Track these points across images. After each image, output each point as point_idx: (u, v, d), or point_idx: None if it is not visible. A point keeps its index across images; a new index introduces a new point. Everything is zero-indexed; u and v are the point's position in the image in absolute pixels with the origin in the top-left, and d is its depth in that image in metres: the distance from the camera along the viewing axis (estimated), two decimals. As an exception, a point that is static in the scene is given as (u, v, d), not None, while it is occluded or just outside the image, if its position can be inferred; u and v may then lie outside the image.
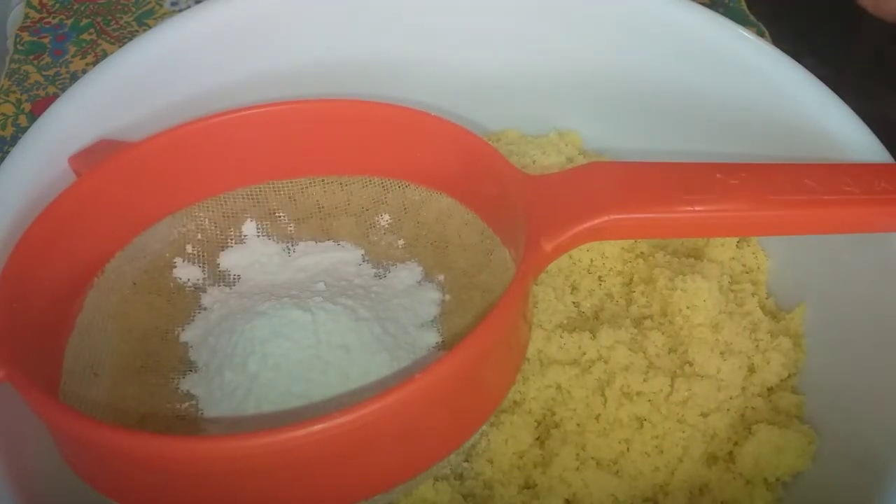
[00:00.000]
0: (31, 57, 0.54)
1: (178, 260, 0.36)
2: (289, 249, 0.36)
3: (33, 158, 0.35)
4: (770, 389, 0.37)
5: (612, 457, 0.35)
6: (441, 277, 0.35)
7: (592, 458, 0.35)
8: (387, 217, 0.37)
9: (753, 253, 0.40)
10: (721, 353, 0.36)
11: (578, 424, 0.35)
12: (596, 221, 0.30)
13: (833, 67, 0.33)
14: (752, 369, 0.37)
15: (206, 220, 0.36)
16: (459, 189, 0.35)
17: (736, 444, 0.35)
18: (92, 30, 0.56)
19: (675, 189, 0.31)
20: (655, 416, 0.35)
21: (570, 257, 0.40)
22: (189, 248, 0.36)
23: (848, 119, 0.37)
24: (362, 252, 0.36)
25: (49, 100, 0.52)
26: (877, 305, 0.34)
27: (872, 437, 0.33)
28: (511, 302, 0.28)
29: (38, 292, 0.31)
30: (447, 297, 0.35)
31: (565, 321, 0.38)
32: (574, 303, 0.39)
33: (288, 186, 0.37)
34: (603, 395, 0.35)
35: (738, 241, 0.40)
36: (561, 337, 0.37)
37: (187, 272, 0.36)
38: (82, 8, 0.57)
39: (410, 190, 0.37)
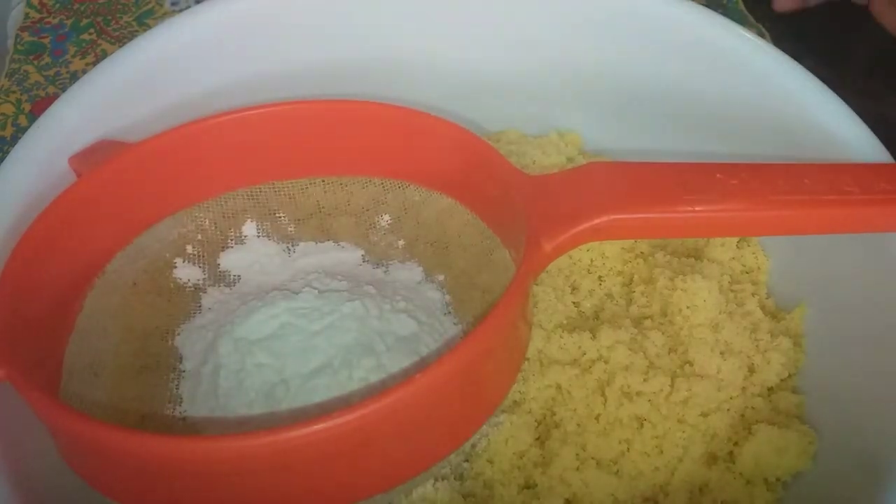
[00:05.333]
0: (31, 57, 0.54)
1: (179, 260, 0.36)
2: (289, 250, 0.36)
3: (33, 158, 0.35)
4: (770, 389, 0.37)
5: (612, 457, 0.35)
6: (441, 278, 0.35)
7: (592, 458, 0.35)
8: (387, 217, 0.37)
9: (753, 253, 0.40)
10: (721, 353, 0.36)
11: (578, 424, 0.35)
12: (596, 221, 0.30)
13: (833, 68, 0.32)
14: (752, 369, 0.37)
15: (206, 220, 0.36)
16: (459, 189, 0.35)
17: (736, 444, 0.35)
18: (92, 30, 0.56)
19: (675, 189, 0.31)
20: (655, 416, 0.35)
21: (570, 257, 0.40)
22: (189, 249, 0.36)
23: (848, 119, 0.37)
24: (362, 252, 0.36)
25: (49, 100, 0.52)
26: (877, 306, 0.34)
27: (872, 436, 0.33)
28: (511, 302, 0.28)
29: (38, 292, 0.31)
30: (447, 297, 0.35)
31: (565, 321, 0.38)
32: (574, 303, 0.39)
33: (288, 186, 0.37)
34: (603, 395, 0.35)
35: (738, 241, 0.40)
36: (561, 337, 0.37)
37: (187, 272, 0.36)
38: (82, 8, 0.57)
39: (410, 190, 0.37)
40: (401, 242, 0.37)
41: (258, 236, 0.37)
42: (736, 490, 0.35)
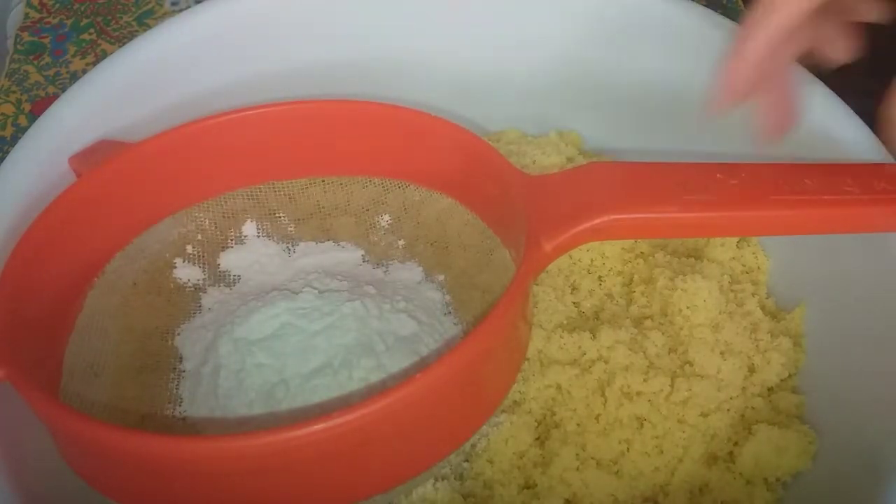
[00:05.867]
0: (31, 57, 0.54)
1: (179, 260, 0.36)
2: (289, 250, 0.36)
3: (33, 158, 0.35)
4: (770, 389, 0.37)
5: (612, 457, 0.35)
6: (441, 278, 0.35)
7: (592, 458, 0.35)
8: (387, 217, 0.37)
9: (753, 253, 0.40)
10: (721, 353, 0.36)
11: (578, 424, 0.35)
12: (595, 221, 0.30)
13: (833, 67, 0.32)
14: (752, 369, 0.37)
15: (206, 220, 0.36)
16: (459, 189, 0.35)
17: (736, 444, 0.35)
18: (92, 30, 0.56)
19: (674, 189, 0.31)
20: (655, 416, 0.35)
21: (570, 257, 0.40)
22: (189, 249, 0.36)
23: (848, 119, 0.37)
24: (362, 252, 0.36)
25: (49, 100, 0.52)
26: (877, 305, 0.34)
27: (872, 436, 0.33)
28: (510, 302, 0.28)
29: (38, 292, 0.31)
30: (447, 297, 0.35)
31: (565, 321, 0.38)
32: (574, 303, 0.39)
33: (288, 186, 0.37)
34: (603, 395, 0.35)
35: (738, 241, 0.40)
36: (561, 337, 0.37)
37: (187, 272, 0.36)
38: (82, 8, 0.57)
39: (410, 190, 0.37)
40: (401, 242, 0.37)
41: (258, 236, 0.37)
42: (736, 490, 0.35)
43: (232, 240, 0.37)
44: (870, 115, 0.37)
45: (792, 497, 0.35)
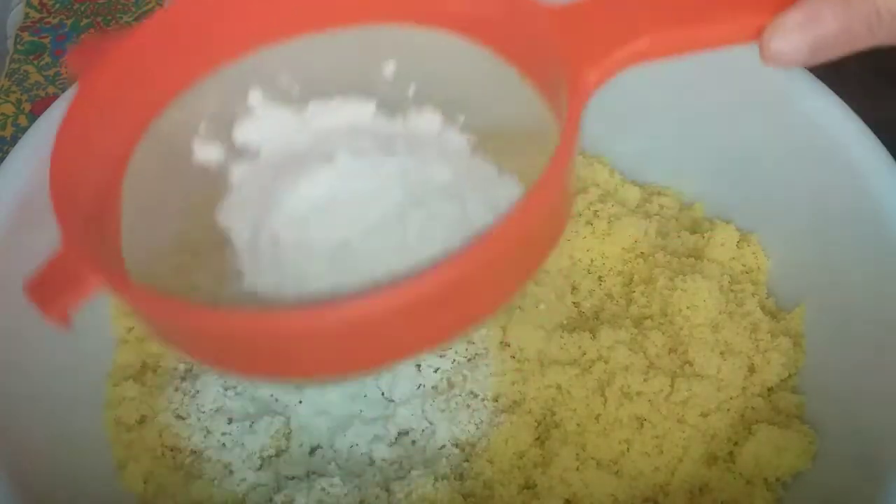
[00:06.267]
0: (31, 57, 0.54)
1: (196, 140, 0.34)
2: (302, 112, 0.35)
3: (33, 158, 0.35)
4: (770, 389, 0.37)
5: (613, 457, 0.35)
6: (462, 119, 0.33)
7: (592, 458, 0.35)
8: (393, 64, 0.35)
9: (753, 253, 0.40)
10: (721, 353, 0.36)
11: (578, 424, 0.35)
12: (638, 43, 0.29)
13: (833, 67, 0.32)
14: (752, 369, 0.37)
15: (210, 97, 0.35)
16: (472, 25, 0.33)
17: (736, 444, 0.35)
18: (92, 30, 0.56)
19: None
20: (655, 416, 0.35)
21: (571, 257, 0.40)
22: (202, 128, 0.34)
23: (848, 119, 0.37)
24: (374, 105, 0.35)
25: (49, 100, 0.52)
26: (877, 305, 0.34)
27: (872, 436, 0.33)
28: (572, 135, 0.27)
29: (83, 190, 0.30)
30: (471, 138, 0.33)
31: (565, 321, 0.38)
32: (574, 303, 0.39)
33: (288, 47, 0.35)
34: (603, 395, 0.35)
35: (738, 242, 0.40)
36: (561, 337, 0.37)
37: (207, 152, 0.34)
38: (82, 8, 0.57)
39: (415, 33, 0.34)
40: (412, 89, 0.35)
41: (266, 104, 0.35)
42: (736, 490, 0.35)
43: (241, 112, 0.35)
44: (870, 115, 0.37)
45: (792, 497, 0.35)
